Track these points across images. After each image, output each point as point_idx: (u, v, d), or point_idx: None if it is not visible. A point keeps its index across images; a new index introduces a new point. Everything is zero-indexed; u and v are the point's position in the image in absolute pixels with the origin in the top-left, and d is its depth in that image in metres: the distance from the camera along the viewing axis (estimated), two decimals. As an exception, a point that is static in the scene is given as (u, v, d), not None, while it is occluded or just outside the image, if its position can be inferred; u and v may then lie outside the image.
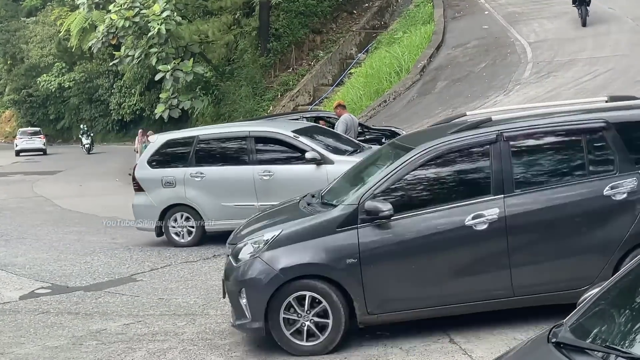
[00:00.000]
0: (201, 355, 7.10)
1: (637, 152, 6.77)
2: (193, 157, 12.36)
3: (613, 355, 3.28)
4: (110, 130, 52.38)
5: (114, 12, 25.90)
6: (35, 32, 54.56)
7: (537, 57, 21.75)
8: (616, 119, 6.87)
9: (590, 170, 6.76)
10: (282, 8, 31.99)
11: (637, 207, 6.60)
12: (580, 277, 6.57)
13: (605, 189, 6.66)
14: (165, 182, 12.40)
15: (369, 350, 6.72)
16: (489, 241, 6.69)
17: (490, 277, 6.75)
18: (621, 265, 6.47)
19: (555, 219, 6.70)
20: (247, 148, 12.17)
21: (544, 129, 6.97)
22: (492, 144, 6.80)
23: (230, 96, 30.72)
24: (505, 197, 6.67)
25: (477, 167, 6.96)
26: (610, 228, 6.64)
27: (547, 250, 6.71)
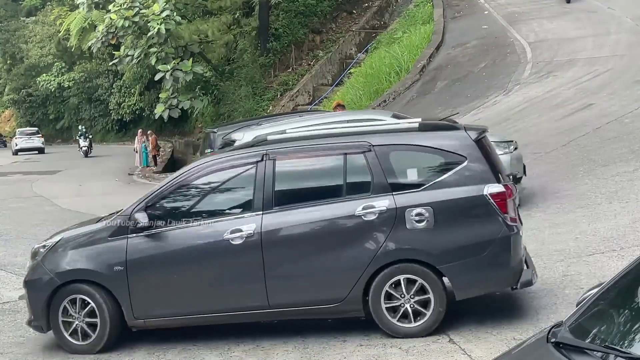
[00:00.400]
0: (201, 355, 7.10)
1: (395, 175, 6.98)
2: None
3: (612, 355, 3.28)
4: (109, 130, 52.38)
5: (113, 12, 25.90)
6: (35, 32, 54.57)
7: (536, 57, 21.76)
8: (379, 142, 7.10)
9: (347, 191, 7.05)
10: (281, 8, 31.99)
11: (386, 228, 6.82)
12: (333, 294, 6.93)
13: (358, 209, 6.88)
14: None
15: (368, 350, 6.72)
16: (245, 255, 7.03)
17: (246, 290, 7.08)
18: (372, 283, 6.82)
19: (309, 237, 7.02)
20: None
21: (308, 149, 7.32)
22: (257, 163, 7.16)
23: (229, 96, 30.72)
24: (263, 214, 7.01)
25: (243, 185, 7.34)
26: (361, 247, 6.88)
27: (301, 266, 7.03)
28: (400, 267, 6.83)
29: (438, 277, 6.80)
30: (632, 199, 10.35)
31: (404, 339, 6.85)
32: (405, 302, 6.82)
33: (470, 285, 6.91)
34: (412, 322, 6.84)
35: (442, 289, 6.81)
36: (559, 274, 7.99)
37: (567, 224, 9.99)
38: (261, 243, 6.96)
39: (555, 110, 17.01)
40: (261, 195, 7.06)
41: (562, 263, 8.33)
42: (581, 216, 10.17)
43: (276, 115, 20.25)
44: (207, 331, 7.87)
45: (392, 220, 6.82)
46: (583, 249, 8.67)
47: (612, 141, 13.30)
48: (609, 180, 11.59)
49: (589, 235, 9.21)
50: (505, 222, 6.77)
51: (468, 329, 6.90)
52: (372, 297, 6.86)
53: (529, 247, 9.19)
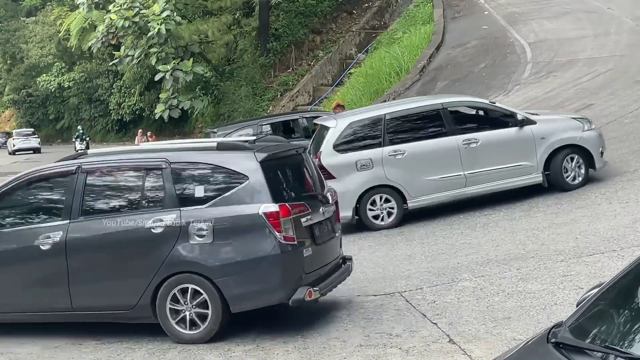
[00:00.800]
0: (201, 355, 7.10)
1: (185, 191, 7.51)
2: (385, 136, 11.77)
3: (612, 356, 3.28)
4: (109, 130, 52.35)
5: (113, 12, 25.93)
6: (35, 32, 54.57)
7: (536, 57, 21.76)
8: (175, 159, 7.63)
9: (144, 204, 7.63)
10: (281, 8, 32.00)
11: (171, 241, 7.32)
12: (126, 300, 7.54)
13: (149, 222, 7.42)
14: (361, 165, 11.66)
15: (368, 351, 6.72)
16: (52, 260, 7.69)
17: (53, 292, 7.76)
18: (159, 292, 7.38)
19: (107, 246, 7.61)
20: (444, 119, 11.84)
21: (115, 164, 7.96)
22: (72, 175, 7.81)
23: (230, 96, 30.73)
24: (70, 223, 7.67)
25: (58, 194, 8.03)
26: (149, 258, 7.43)
27: (100, 273, 7.65)
28: (182, 278, 7.35)
29: (216, 289, 7.25)
30: (632, 199, 10.35)
31: (404, 340, 6.85)
32: (187, 310, 7.34)
33: (243, 299, 7.34)
34: (193, 329, 7.37)
35: (220, 300, 7.25)
36: (559, 274, 7.99)
37: (567, 224, 9.99)
38: (66, 250, 7.62)
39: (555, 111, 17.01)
40: (70, 204, 7.72)
41: (562, 263, 8.34)
42: (581, 216, 10.18)
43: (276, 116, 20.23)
44: (207, 331, 7.88)
45: (177, 234, 7.33)
46: (583, 249, 8.68)
47: (612, 141, 13.29)
48: (608, 181, 11.59)
49: (589, 235, 9.21)
50: (278, 240, 7.17)
51: (468, 329, 6.90)
52: (158, 304, 7.41)
53: (529, 247, 9.22)
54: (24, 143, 48.99)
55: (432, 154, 11.68)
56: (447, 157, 11.62)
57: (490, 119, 12.04)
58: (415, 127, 12.01)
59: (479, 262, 9.06)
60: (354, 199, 11.66)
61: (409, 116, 12.04)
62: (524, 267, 8.48)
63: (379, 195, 11.78)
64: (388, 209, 11.80)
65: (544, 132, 11.64)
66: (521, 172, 11.65)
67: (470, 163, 11.58)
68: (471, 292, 7.98)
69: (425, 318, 7.42)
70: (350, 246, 11.25)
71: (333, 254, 8.10)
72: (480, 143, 11.65)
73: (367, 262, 10.10)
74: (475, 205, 12.12)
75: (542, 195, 11.73)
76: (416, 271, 9.22)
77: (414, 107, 12.21)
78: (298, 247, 7.29)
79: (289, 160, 8.00)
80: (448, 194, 11.71)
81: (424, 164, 11.63)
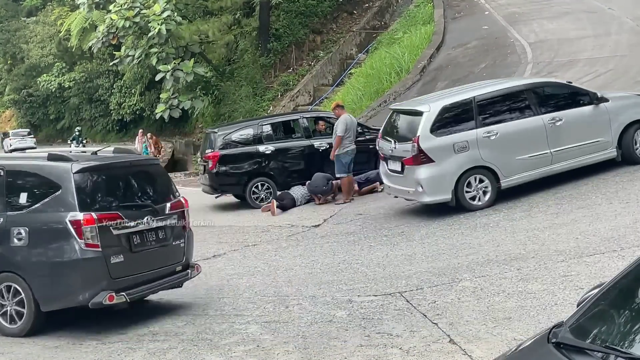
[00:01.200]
0: (201, 355, 7.10)
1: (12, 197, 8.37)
2: (477, 117, 11.84)
3: (613, 356, 3.28)
4: (110, 130, 52.29)
5: (114, 12, 25.90)
6: (36, 32, 54.51)
7: (537, 57, 21.75)
8: (10, 167, 8.60)
9: None
10: (282, 8, 31.98)
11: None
12: None
13: None
14: (458, 147, 11.66)
15: (368, 351, 6.72)
16: None
17: None
18: None
19: None
20: (529, 100, 12.06)
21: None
22: None
23: (230, 96, 30.71)
24: None
25: None
26: None
27: None
28: (5, 277, 8.22)
29: (30, 289, 8.07)
30: (632, 199, 10.35)
31: (405, 340, 6.85)
32: (9, 306, 8.21)
33: (51, 300, 8.14)
34: (12, 324, 8.21)
35: (33, 300, 8.07)
36: (560, 274, 7.98)
37: (567, 224, 9.99)
38: None
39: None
40: None
41: (562, 263, 8.33)
42: (581, 216, 10.17)
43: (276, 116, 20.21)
44: (208, 331, 7.88)
45: (2, 237, 8.18)
46: (583, 250, 8.67)
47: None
48: (609, 181, 11.59)
49: (589, 235, 9.21)
50: (80, 246, 7.91)
51: (469, 330, 6.90)
52: None
53: (530, 247, 9.22)
54: (20, 143, 50.08)
55: (522, 134, 11.89)
56: (535, 136, 11.86)
57: (569, 98, 12.35)
58: (503, 108, 12.16)
59: (479, 263, 9.06)
60: (453, 182, 11.69)
61: (496, 97, 12.19)
62: (525, 268, 8.48)
63: (474, 176, 11.82)
64: (483, 189, 11.89)
65: (616, 109, 12.14)
66: (599, 147, 12.06)
67: (555, 141, 11.89)
68: (472, 293, 7.98)
69: (425, 318, 7.42)
70: (351, 246, 11.27)
71: (161, 262, 8.68)
72: (564, 121, 11.95)
73: (367, 262, 10.10)
74: (476, 206, 12.12)
75: (542, 195, 11.73)
76: (417, 271, 9.22)
77: (501, 89, 12.38)
78: (103, 253, 7.99)
79: (118, 172, 8.78)
80: (536, 172, 11.95)
81: (514, 143, 11.84)
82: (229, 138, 16.25)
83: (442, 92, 14.28)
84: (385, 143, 12.52)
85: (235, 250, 12.33)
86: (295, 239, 12.58)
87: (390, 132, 12.58)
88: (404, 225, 11.95)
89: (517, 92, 12.22)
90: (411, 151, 11.73)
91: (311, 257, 10.99)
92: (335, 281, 9.42)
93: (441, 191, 11.71)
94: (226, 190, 16.60)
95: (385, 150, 12.51)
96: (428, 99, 12.90)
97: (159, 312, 8.94)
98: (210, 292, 9.65)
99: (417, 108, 12.18)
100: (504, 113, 12.07)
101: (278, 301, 8.85)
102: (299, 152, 16.26)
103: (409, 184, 11.95)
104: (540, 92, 12.35)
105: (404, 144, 11.92)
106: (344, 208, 14.34)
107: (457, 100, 12.15)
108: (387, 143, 12.42)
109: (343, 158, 14.52)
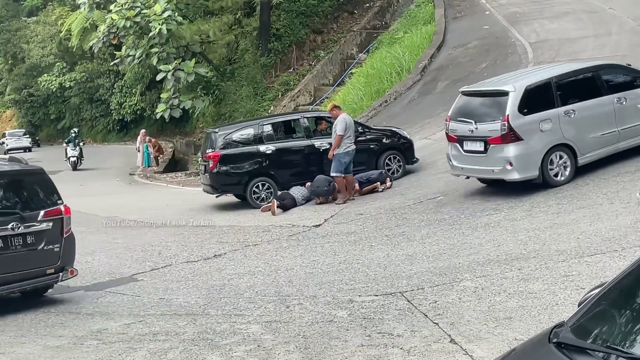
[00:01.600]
0: (202, 355, 7.10)
1: None
2: (557, 97, 12.19)
3: (614, 356, 3.28)
4: (111, 130, 52.33)
5: (115, 12, 25.92)
6: (36, 32, 54.52)
7: (538, 57, 21.73)
8: None
9: None
10: (282, 8, 31.98)
11: None
12: None
13: None
14: (544, 126, 11.97)
15: (369, 351, 6.72)
16: None
17: None
18: None
19: None
20: (599, 80, 12.51)
21: None
22: None
23: (231, 96, 30.71)
24: None
25: None
26: None
27: None
28: None
29: None
30: (633, 199, 10.34)
31: (406, 340, 6.85)
32: None
33: None
34: None
35: None
36: (561, 274, 7.98)
37: (568, 224, 9.99)
38: None
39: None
40: None
41: (563, 263, 8.33)
42: (582, 216, 10.17)
43: (277, 115, 20.20)
44: (208, 331, 7.88)
45: None
46: (584, 249, 8.67)
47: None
48: (610, 181, 11.59)
49: (590, 235, 9.20)
50: None
51: (469, 329, 6.89)
52: None
53: (530, 247, 9.22)
54: (16, 143, 52.19)
55: (595, 113, 12.30)
56: (605, 115, 12.30)
57: (631, 79, 12.81)
58: (578, 88, 12.53)
59: (480, 262, 9.06)
60: (540, 159, 11.96)
61: (572, 78, 12.60)
62: (526, 267, 8.47)
63: (555, 153, 12.09)
64: (563, 165, 12.15)
65: None
66: None
67: (621, 119, 12.32)
68: (472, 292, 7.97)
69: (426, 318, 7.42)
70: (352, 246, 11.27)
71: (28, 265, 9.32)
72: (628, 101, 12.42)
73: (368, 262, 10.10)
74: (477, 205, 12.12)
75: (543, 195, 11.72)
76: (417, 271, 9.22)
77: (575, 70, 12.82)
78: None
79: None
80: (606, 149, 12.33)
81: (589, 122, 12.21)
82: (229, 138, 16.24)
83: (514, 73, 14.62)
84: (461, 124, 12.65)
85: (236, 250, 12.33)
86: (296, 238, 12.58)
87: (466, 113, 12.71)
88: (405, 225, 11.96)
89: (589, 73, 12.67)
90: (500, 130, 11.94)
91: (312, 257, 10.99)
92: (336, 281, 9.42)
93: (529, 168, 12.01)
94: (227, 190, 16.58)
95: (462, 131, 12.63)
96: (507, 80, 13.12)
97: (160, 312, 8.94)
98: (211, 292, 9.65)
99: (502, 88, 12.41)
100: (579, 93, 12.44)
101: (279, 301, 8.84)
102: (299, 152, 16.25)
103: (494, 162, 12.18)
104: (607, 73, 12.82)
105: (489, 123, 12.14)
106: (345, 208, 14.34)
107: (538, 80, 12.53)
108: (465, 124, 12.57)
109: (342, 158, 14.53)
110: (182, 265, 11.51)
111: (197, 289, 9.91)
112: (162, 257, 12.13)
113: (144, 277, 10.91)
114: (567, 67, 13.11)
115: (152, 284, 10.47)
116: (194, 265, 11.40)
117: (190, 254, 12.20)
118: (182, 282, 10.43)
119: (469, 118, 12.49)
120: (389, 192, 15.00)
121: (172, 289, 10.08)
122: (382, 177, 15.49)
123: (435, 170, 15.77)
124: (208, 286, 10.01)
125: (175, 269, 11.31)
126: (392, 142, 16.53)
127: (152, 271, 11.26)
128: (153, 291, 10.01)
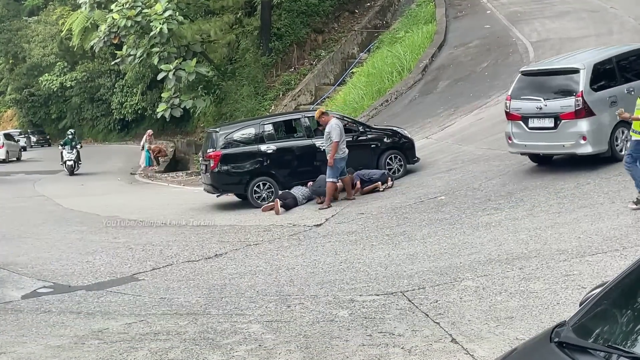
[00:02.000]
0: (203, 354, 7.10)
1: None
2: (618, 75, 12.68)
3: (615, 355, 3.28)
4: (112, 130, 52.37)
5: (115, 12, 25.91)
6: (37, 32, 54.55)
7: (539, 56, 21.72)
8: None
9: None
10: (283, 7, 31.99)
11: None
12: None
13: None
14: (612, 102, 12.36)
15: (370, 350, 6.71)
16: None
17: None
18: None
19: None
20: None
21: None
22: None
23: (232, 95, 30.71)
24: None
25: None
26: None
27: None
28: None
29: None
30: (634, 198, 10.33)
31: (407, 339, 6.85)
32: None
33: None
34: None
35: None
36: (562, 273, 7.98)
37: (569, 223, 9.98)
38: None
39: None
40: None
41: (564, 263, 8.33)
42: (583, 216, 10.17)
43: (277, 115, 20.21)
44: (210, 330, 7.88)
45: None
46: (586, 249, 8.67)
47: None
48: (611, 180, 11.59)
49: (591, 235, 9.20)
50: None
51: (471, 329, 6.89)
52: None
53: (532, 246, 9.22)
54: None
55: None
56: None
57: None
58: (634, 68, 12.98)
59: (481, 262, 9.05)
60: (609, 133, 12.33)
61: (630, 58, 13.06)
62: (527, 267, 8.47)
63: (619, 129, 12.39)
64: (625, 140, 12.39)
65: None
66: None
67: None
68: (474, 292, 7.97)
69: (427, 317, 7.42)
70: (353, 246, 11.27)
71: None
72: None
73: (369, 262, 10.10)
74: (478, 204, 12.12)
75: (544, 194, 11.72)
76: (418, 271, 9.22)
77: (631, 50, 13.25)
78: None
79: None
80: None
81: None
82: (230, 137, 16.23)
83: (572, 52, 14.98)
84: (527, 102, 12.88)
85: (237, 249, 12.33)
86: (297, 238, 12.58)
87: (531, 91, 12.96)
88: (406, 225, 11.95)
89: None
90: (574, 105, 12.27)
91: (313, 257, 10.99)
92: (337, 280, 9.42)
93: (601, 142, 12.35)
94: (228, 189, 16.58)
95: (528, 109, 12.85)
96: (573, 59, 13.46)
97: (161, 312, 8.94)
98: (212, 292, 9.65)
99: (573, 66, 12.78)
100: (634, 72, 12.89)
101: (280, 300, 8.84)
102: (300, 152, 16.25)
103: (565, 137, 12.44)
104: None
105: (560, 99, 12.47)
106: (346, 207, 14.34)
107: (602, 57, 12.87)
108: (531, 102, 12.80)
109: (338, 163, 14.51)
110: (183, 264, 11.51)
111: (198, 288, 9.91)
112: (163, 257, 12.13)
113: (145, 277, 10.90)
114: (625, 48, 13.54)
115: (153, 283, 10.47)
116: (195, 265, 11.39)
117: (191, 253, 12.19)
118: (183, 281, 10.43)
119: (536, 96, 12.78)
120: (390, 192, 14.99)
121: (173, 288, 10.07)
122: (384, 178, 15.48)
123: (436, 170, 15.77)
124: (209, 286, 10.01)
125: (176, 268, 11.31)
126: (393, 142, 16.52)
127: (153, 271, 11.26)
128: (154, 291, 10.01)
